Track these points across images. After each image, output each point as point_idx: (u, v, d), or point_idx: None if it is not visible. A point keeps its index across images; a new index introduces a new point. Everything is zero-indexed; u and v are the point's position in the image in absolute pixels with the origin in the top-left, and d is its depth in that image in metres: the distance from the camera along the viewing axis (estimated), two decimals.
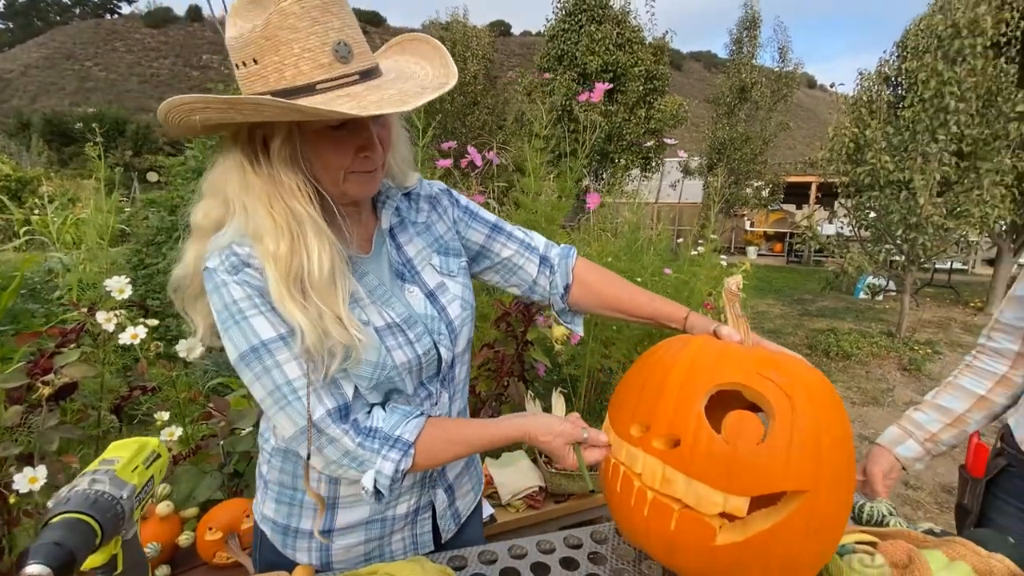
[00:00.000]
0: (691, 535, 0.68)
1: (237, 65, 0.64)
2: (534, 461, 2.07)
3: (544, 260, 0.95)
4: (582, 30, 11.40)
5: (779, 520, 0.65)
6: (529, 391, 2.25)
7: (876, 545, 0.80)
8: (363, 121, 0.68)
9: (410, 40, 0.77)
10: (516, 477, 1.93)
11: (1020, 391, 0.98)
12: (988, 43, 4.86)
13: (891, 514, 0.97)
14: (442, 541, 0.93)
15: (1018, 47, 5.58)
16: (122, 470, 0.57)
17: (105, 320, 1.48)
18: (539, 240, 0.97)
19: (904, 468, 1.07)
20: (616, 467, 0.77)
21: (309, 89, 0.61)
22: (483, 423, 0.77)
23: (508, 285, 0.97)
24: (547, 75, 3.41)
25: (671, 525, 0.69)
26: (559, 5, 12.11)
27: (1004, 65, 5.19)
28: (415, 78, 0.70)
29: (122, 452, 0.60)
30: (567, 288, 0.95)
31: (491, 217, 0.95)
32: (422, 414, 0.75)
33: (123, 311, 1.65)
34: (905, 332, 5.91)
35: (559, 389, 2.61)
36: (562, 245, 0.98)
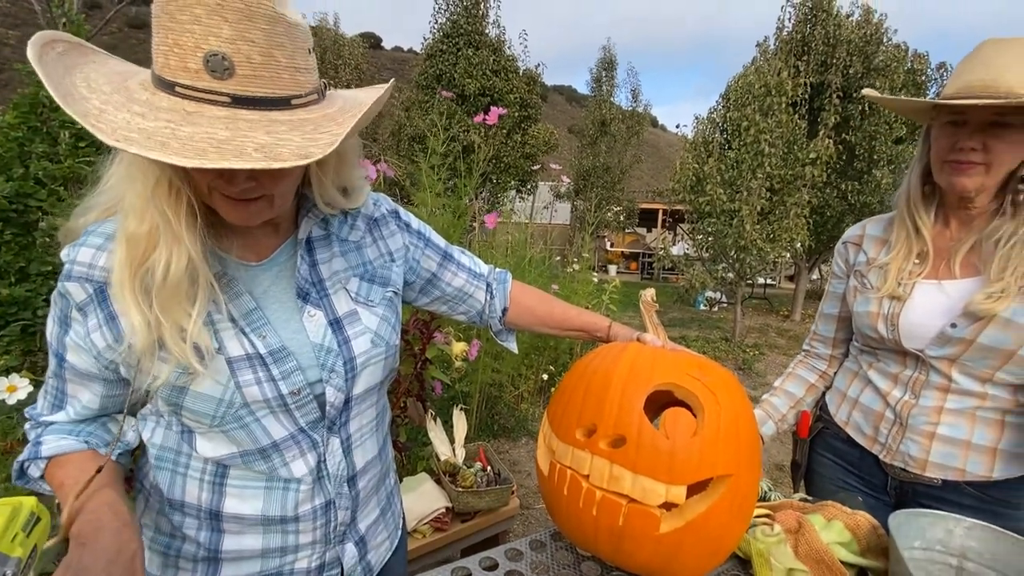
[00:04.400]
0: (638, 527, 0.73)
1: None
2: (438, 481, 2.01)
3: (488, 286, 0.97)
4: (460, 53, 11.68)
5: (712, 503, 0.73)
6: (430, 411, 2.20)
7: (772, 517, 0.93)
8: None
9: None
10: (420, 501, 1.86)
11: (832, 380, 1.29)
12: (788, 102, 6.11)
13: (771, 489, 1.14)
14: None
15: (807, 107, 7.16)
16: None
17: None
18: (483, 266, 0.97)
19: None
20: (563, 472, 0.79)
21: (169, 86, 0.53)
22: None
23: (455, 314, 0.96)
24: (447, 94, 3.38)
25: (619, 521, 0.73)
26: (436, 26, 12.28)
27: (798, 120, 6.58)
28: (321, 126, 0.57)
29: None
30: (504, 311, 0.98)
31: (441, 242, 0.92)
32: (86, 449, 0.67)
33: None
34: (738, 337, 6.97)
35: (460, 407, 2.57)
36: (497, 270, 1.00)
